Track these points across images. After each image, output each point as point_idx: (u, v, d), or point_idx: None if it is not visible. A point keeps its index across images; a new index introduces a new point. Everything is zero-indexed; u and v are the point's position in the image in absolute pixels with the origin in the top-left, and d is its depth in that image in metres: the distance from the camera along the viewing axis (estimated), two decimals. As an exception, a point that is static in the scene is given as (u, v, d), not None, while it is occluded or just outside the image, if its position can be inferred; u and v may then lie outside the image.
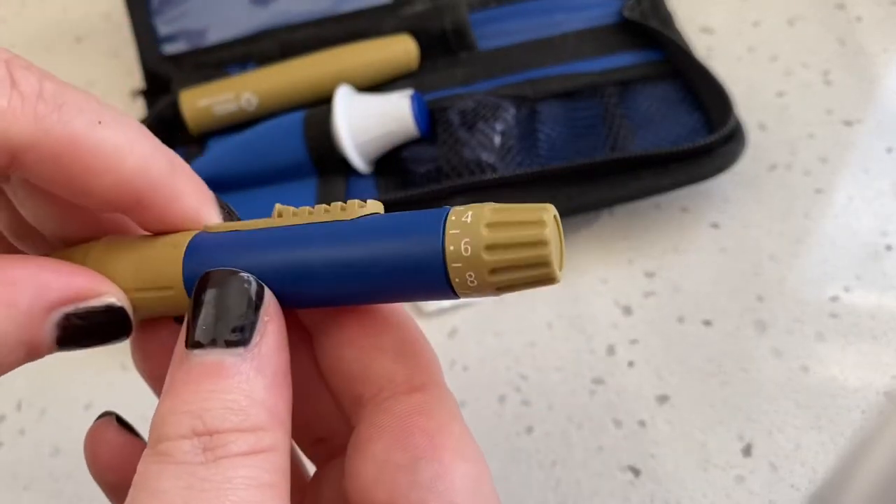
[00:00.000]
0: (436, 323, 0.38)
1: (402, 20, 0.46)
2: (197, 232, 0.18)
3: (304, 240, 0.17)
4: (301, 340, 0.20)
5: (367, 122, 0.40)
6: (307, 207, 0.18)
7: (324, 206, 0.18)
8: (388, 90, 0.43)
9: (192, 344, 0.16)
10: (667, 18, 0.44)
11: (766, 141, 0.41)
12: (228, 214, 0.19)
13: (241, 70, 0.47)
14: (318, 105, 0.42)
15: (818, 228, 0.38)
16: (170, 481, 0.15)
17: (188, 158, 0.44)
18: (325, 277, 0.17)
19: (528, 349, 0.36)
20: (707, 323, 0.36)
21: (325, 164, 0.41)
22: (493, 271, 0.15)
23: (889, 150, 0.40)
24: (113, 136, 0.16)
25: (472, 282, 0.16)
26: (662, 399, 0.34)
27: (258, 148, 0.42)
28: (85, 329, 0.17)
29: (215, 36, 0.49)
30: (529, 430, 0.34)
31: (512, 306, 0.38)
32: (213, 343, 0.16)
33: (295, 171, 0.41)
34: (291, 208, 0.18)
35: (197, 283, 0.17)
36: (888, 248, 0.37)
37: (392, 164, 0.42)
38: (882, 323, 0.35)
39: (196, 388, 0.16)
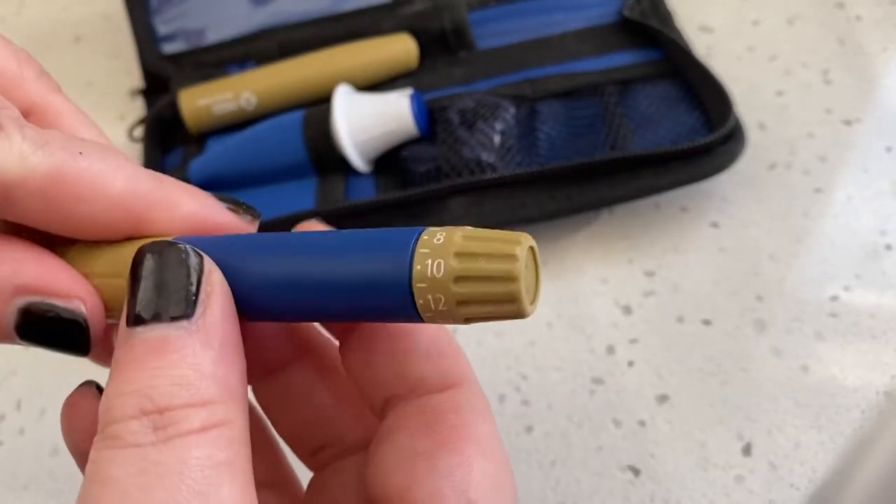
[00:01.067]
0: (435, 322, 0.38)
1: (401, 19, 0.46)
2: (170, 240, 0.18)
3: (274, 247, 0.17)
4: (301, 353, 0.20)
5: (366, 121, 0.40)
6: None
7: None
8: (387, 89, 0.43)
9: (134, 321, 0.16)
10: (666, 17, 0.44)
11: (765, 140, 0.41)
12: (238, 207, 0.19)
13: (240, 69, 0.47)
14: (318, 104, 0.42)
15: (818, 228, 0.38)
16: (122, 468, 0.14)
17: (187, 158, 0.44)
18: (288, 286, 0.16)
19: (528, 349, 0.37)
20: (707, 322, 0.36)
21: (324, 164, 0.41)
22: (461, 303, 0.15)
23: (888, 150, 0.40)
24: (96, 164, 0.17)
25: (440, 307, 0.15)
26: (662, 398, 0.34)
27: (257, 147, 0.42)
28: (44, 326, 0.17)
29: (214, 35, 0.49)
30: (529, 429, 0.34)
31: (511, 306, 0.38)
32: (156, 318, 0.15)
33: (294, 170, 0.41)
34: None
35: (133, 257, 0.16)
36: (888, 247, 0.37)
37: (391, 164, 0.42)
38: (881, 322, 0.35)
39: (141, 367, 0.15)
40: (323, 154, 0.41)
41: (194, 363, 0.15)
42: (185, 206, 0.18)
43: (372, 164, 0.42)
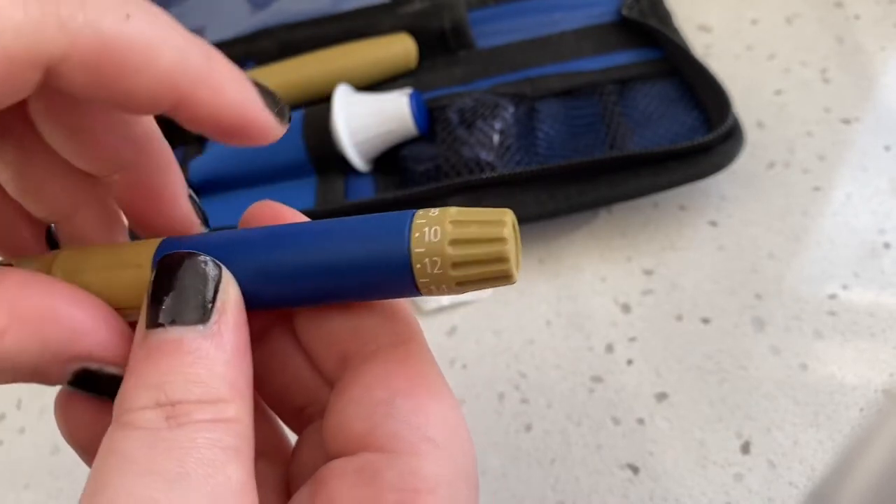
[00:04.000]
0: (435, 321, 0.38)
1: (400, 19, 0.46)
2: (161, 240, 0.19)
3: (270, 239, 0.18)
4: (267, 329, 0.21)
5: (365, 120, 0.40)
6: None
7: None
8: (386, 89, 0.44)
9: (152, 324, 0.16)
10: (665, 17, 0.44)
11: (764, 139, 0.42)
12: (275, 105, 0.19)
13: (240, 69, 0.47)
14: (317, 104, 0.42)
15: (816, 226, 0.38)
16: (132, 442, 0.15)
17: (187, 157, 0.44)
18: (291, 276, 0.17)
19: (528, 347, 0.37)
20: (705, 321, 0.36)
21: (324, 163, 0.41)
22: (455, 265, 0.16)
23: (887, 148, 0.40)
24: (145, 32, 0.15)
25: (436, 270, 0.16)
26: (661, 397, 0.34)
27: (257, 147, 0.42)
28: (95, 381, 0.18)
29: (214, 35, 0.49)
30: (528, 427, 0.34)
31: (511, 304, 0.38)
32: (173, 322, 0.16)
33: (294, 170, 0.41)
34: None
35: (156, 266, 0.17)
36: (886, 245, 0.37)
37: (391, 163, 0.42)
38: (880, 320, 0.35)
39: (157, 365, 0.16)
40: (322, 153, 0.41)
41: (207, 364, 0.16)
42: (229, 92, 0.18)
43: (371, 163, 0.42)
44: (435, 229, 0.16)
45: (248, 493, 0.16)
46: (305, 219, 0.19)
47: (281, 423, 0.22)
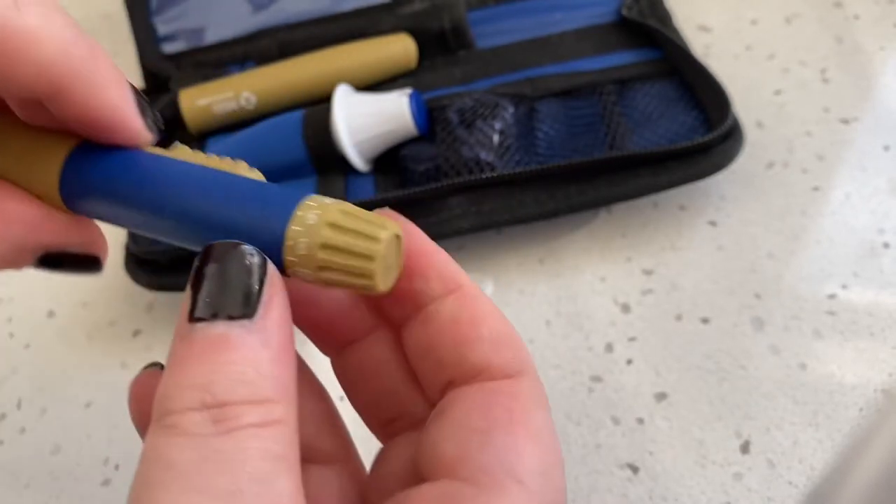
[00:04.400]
0: (435, 321, 0.38)
1: (400, 19, 0.46)
2: (78, 141, 0.19)
3: (171, 174, 0.18)
4: (376, 325, 0.20)
5: (365, 120, 0.40)
6: (205, 155, 0.19)
7: (217, 157, 0.19)
8: (386, 89, 0.44)
9: (195, 318, 0.16)
10: (665, 17, 0.44)
11: (763, 139, 0.42)
12: (147, 115, 0.19)
13: (240, 69, 0.48)
14: (317, 104, 0.42)
15: (815, 226, 0.38)
16: (182, 453, 0.14)
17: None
18: (170, 209, 0.18)
19: (527, 346, 0.37)
20: (705, 320, 0.36)
21: (324, 163, 0.41)
22: (325, 247, 0.16)
23: (886, 148, 0.40)
24: (30, 21, 0.16)
25: (304, 251, 0.16)
26: (660, 396, 0.34)
27: (257, 147, 0.42)
28: (61, 262, 0.19)
29: (214, 35, 0.49)
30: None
31: (511, 304, 0.38)
32: (217, 316, 0.16)
33: (294, 169, 0.41)
34: (189, 150, 0.19)
35: (199, 255, 0.16)
36: (885, 245, 0.37)
37: (391, 163, 0.42)
38: (879, 320, 0.35)
39: (202, 362, 0.15)
40: (322, 153, 0.41)
41: (254, 361, 0.15)
42: (106, 92, 0.18)
43: (371, 163, 0.42)
44: (318, 213, 0.16)
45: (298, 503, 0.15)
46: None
47: (347, 430, 0.22)
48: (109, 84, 0.18)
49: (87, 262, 0.19)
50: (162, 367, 0.19)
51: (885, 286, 0.36)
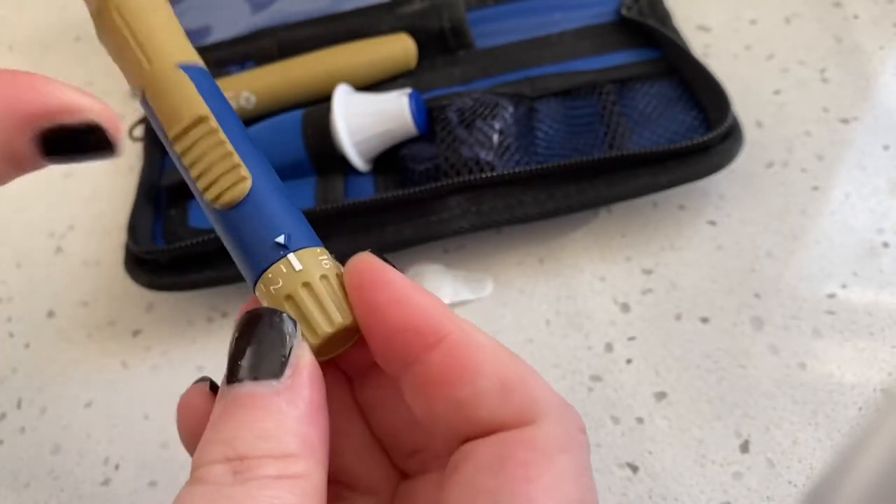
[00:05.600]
0: (434, 321, 0.38)
1: (400, 19, 0.46)
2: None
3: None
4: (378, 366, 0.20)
5: (365, 120, 0.40)
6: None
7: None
8: (386, 89, 0.44)
9: (230, 380, 0.17)
10: (664, 17, 0.44)
11: (762, 138, 0.42)
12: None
13: (240, 69, 0.48)
14: (317, 104, 0.42)
15: (815, 225, 0.38)
16: (196, 499, 0.15)
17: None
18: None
19: (527, 346, 0.37)
20: (704, 320, 0.36)
21: (323, 163, 0.41)
22: (287, 298, 0.18)
23: (886, 148, 0.40)
24: None
25: (268, 291, 0.18)
26: (660, 396, 0.34)
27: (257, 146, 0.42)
28: (66, 143, 0.17)
29: (214, 35, 0.49)
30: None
31: (510, 304, 0.38)
32: (248, 377, 0.17)
33: (294, 169, 0.42)
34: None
35: (239, 321, 0.18)
36: (885, 244, 0.37)
37: (391, 163, 0.42)
38: (879, 319, 0.35)
39: (230, 419, 0.16)
40: (322, 153, 0.41)
41: (278, 419, 0.16)
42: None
43: (371, 163, 0.42)
44: (301, 266, 0.18)
45: None
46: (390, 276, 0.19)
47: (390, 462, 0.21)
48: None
49: (95, 142, 0.17)
50: (210, 381, 0.20)
51: (885, 286, 0.36)
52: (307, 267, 0.18)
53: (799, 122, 0.42)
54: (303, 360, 0.17)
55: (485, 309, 0.38)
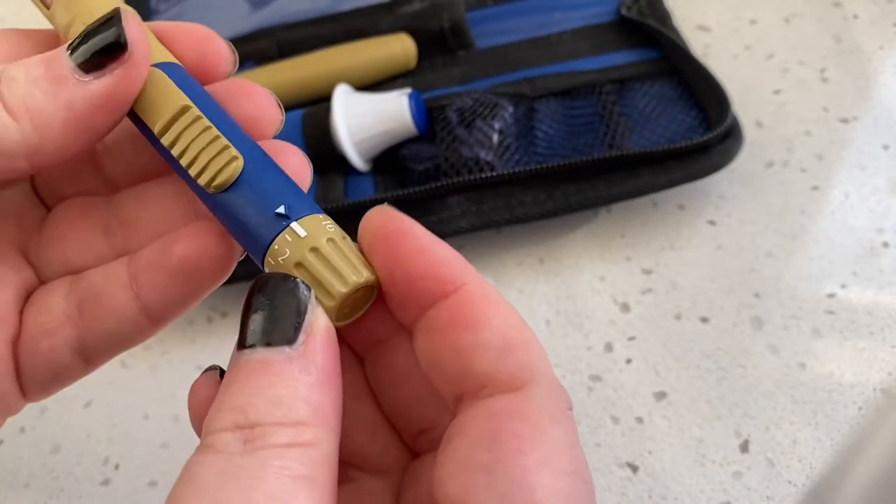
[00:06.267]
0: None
1: (400, 19, 0.46)
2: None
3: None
4: (394, 333, 0.20)
5: (365, 120, 0.40)
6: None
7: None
8: (386, 89, 0.44)
9: (243, 346, 0.16)
10: (664, 17, 0.44)
11: (762, 138, 0.42)
12: None
13: (239, 69, 0.48)
14: (317, 104, 0.42)
15: (815, 225, 0.38)
16: (205, 468, 0.15)
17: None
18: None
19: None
20: (704, 320, 0.36)
21: (323, 163, 0.41)
22: (298, 266, 0.18)
23: (885, 147, 0.40)
24: None
25: (279, 263, 0.18)
26: (660, 395, 0.34)
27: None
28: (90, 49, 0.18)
29: (214, 35, 0.49)
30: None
31: (510, 303, 0.38)
32: (261, 343, 0.16)
33: (294, 169, 0.41)
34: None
35: (251, 286, 0.17)
36: (885, 244, 0.37)
37: (390, 163, 0.42)
38: (878, 319, 0.35)
39: (242, 385, 0.16)
40: (322, 153, 0.41)
41: (291, 385, 0.16)
42: None
43: (371, 162, 0.42)
44: (306, 232, 0.18)
45: None
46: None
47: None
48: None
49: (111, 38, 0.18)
50: (220, 369, 0.20)
51: (885, 285, 0.36)
52: (312, 232, 0.18)
53: (799, 121, 0.42)
54: (316, 324, 0.17)
55: (485, 309, 0.38)
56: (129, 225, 0.21)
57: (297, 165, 0.20)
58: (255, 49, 0.48)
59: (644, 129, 0.40)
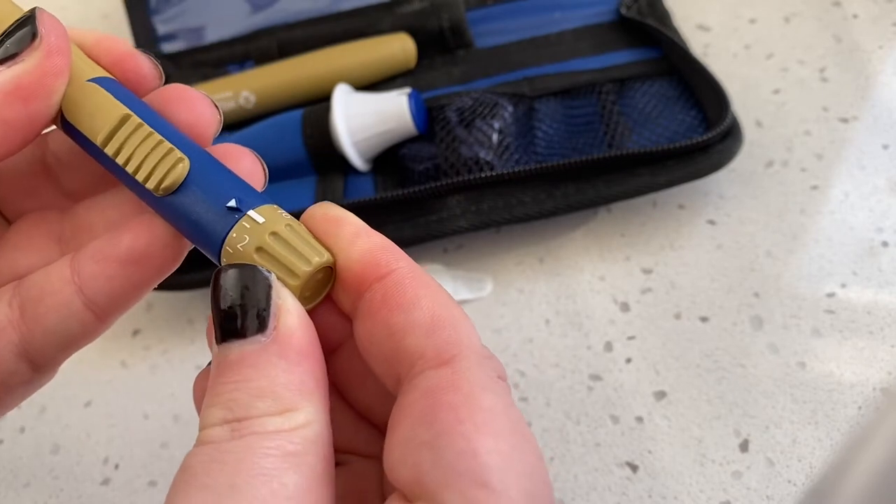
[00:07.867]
0: (434, 320, 0.38)
1: (399, 18, 0.46)
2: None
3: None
4: (347, 337, 0.20)
5: (365, 120, 0.40)
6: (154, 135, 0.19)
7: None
8: (386, 88, 0.44)
9: (218, 340, 0.17)
10: (664, 16, 0.44)
11: (762, 138, 0.42)
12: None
13: (239, 68, 0.48)
14: (317, 103, 0.42)
15: (814, 225, 0.38)
16: (196, 458, 0.16)
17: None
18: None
19: (526, 346, 0.37)
20: (704, 319, 0.36)
21: (323, 162, 0.41)
22: (259, 250, 0.18)
23: (885, 147, 0.40)
24: None
25: (238, 251, 0.18)
26: (660, 395, 0.34)
27: (257, 146, 0.41)
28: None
29: (214, 34, 0.49)
30: (527, 425, 0.35)
31: (510, 303, 0.38)
32: (235, 336, 0.17)
33: (294, 169, 0.42)
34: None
35: (212, 279, 0.17)
36: (884, 244, 0.37)
37: (390, 162, 0.42)
38: (878, 319, 0.35)
39: (225, 381, 0.16)
40: (322, 153, 0.41)
41: (270, 374, 0.16)
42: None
43: (371, 162, 0.42)
44: (263, 220, 0.18)
45: (307, 498, 0.15)
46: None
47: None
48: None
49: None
50: None
51: (884, 285, 0.36)
52: (270, 218, 0.18)
53: (798, 121, 0.42)
54: (284, 306, 0.17)
55: (484, 308, 0.38)
56: (82, 231, 0.22)
57: (249, 166, 0.20)
58: (256, 48, 0.48)
59: (644, 129, 0.40)
